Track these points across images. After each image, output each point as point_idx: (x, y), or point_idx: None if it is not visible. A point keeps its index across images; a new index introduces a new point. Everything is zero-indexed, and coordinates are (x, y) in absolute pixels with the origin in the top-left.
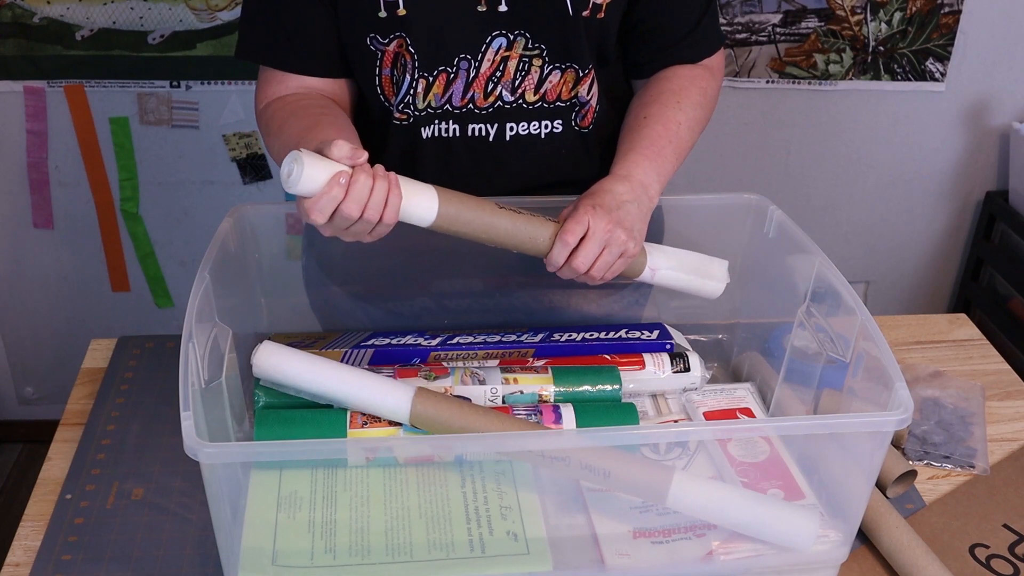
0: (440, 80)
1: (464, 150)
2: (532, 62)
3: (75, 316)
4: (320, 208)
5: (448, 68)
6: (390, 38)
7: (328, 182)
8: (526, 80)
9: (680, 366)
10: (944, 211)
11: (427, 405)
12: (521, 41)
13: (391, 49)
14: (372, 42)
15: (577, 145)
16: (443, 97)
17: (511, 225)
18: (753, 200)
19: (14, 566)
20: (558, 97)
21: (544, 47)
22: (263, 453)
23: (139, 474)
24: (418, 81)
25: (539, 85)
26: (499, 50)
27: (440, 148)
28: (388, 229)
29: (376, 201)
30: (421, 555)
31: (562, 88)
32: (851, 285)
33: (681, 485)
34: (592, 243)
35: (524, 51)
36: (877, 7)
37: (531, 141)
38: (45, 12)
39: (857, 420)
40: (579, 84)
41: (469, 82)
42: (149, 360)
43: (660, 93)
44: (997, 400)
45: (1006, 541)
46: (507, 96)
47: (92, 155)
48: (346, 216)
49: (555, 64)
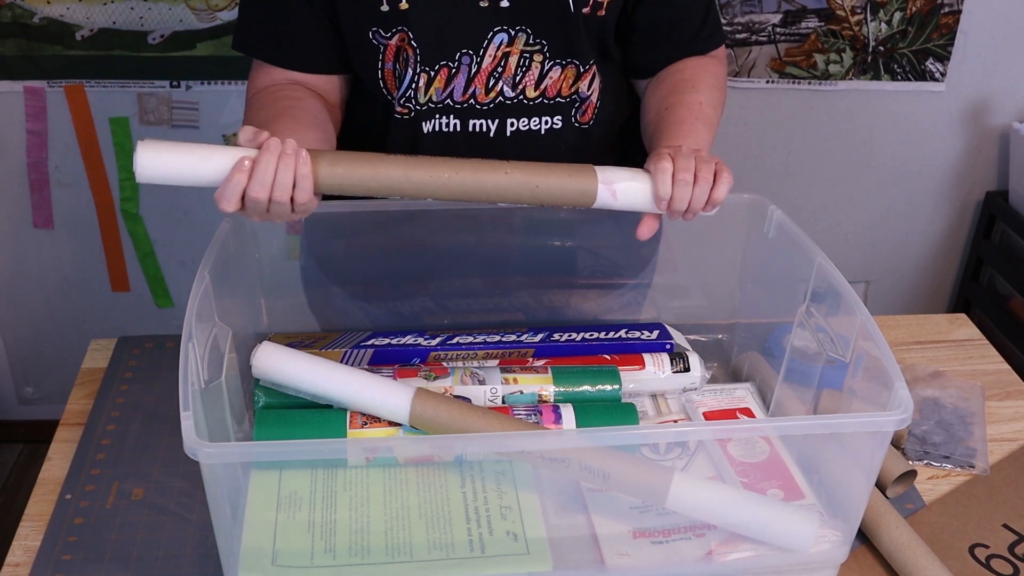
0: (442, 75)
1: (465, 145)
2: (533, 58)
3: (75, 316)
4: (227, 196)
5: (449, 63)
6: (392, 32)
7: (232, 168)
8: (527, 76)
9: (680, 366)
10: (944, 211)
11: (427, 406)
12: (522, 37)
13: (393, 43)
14: (374, 36)
15: (577, 141)
16: (444, 92)
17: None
18: (753, 200)
19: (14, 566)
20: (558, 93)
21: (545, 43)
22: (263, 453)
23: (139, 474)
24: (419, 75)
25: (540, 81)
26: (500, 46)
27: (441, 142)
28: (310, 206)
29: (282, 181)
30: (421, 555)
31: (562, 84)
32: (851, 285)
33: (681, 486)
34: (683, 160)
35: (525, 47)
36: (877, 7)
37: (531, 137)
38: (45, 12)
39: (857, 420)
40: (580, 80)
41: (470, 77)
42: (149, 360)
43: (674, 84)
44: (997, 400)
45: (1006, 541)
46: (508, 92)
47: (92, 155)
48: (254, 199)
49: (556, 60)
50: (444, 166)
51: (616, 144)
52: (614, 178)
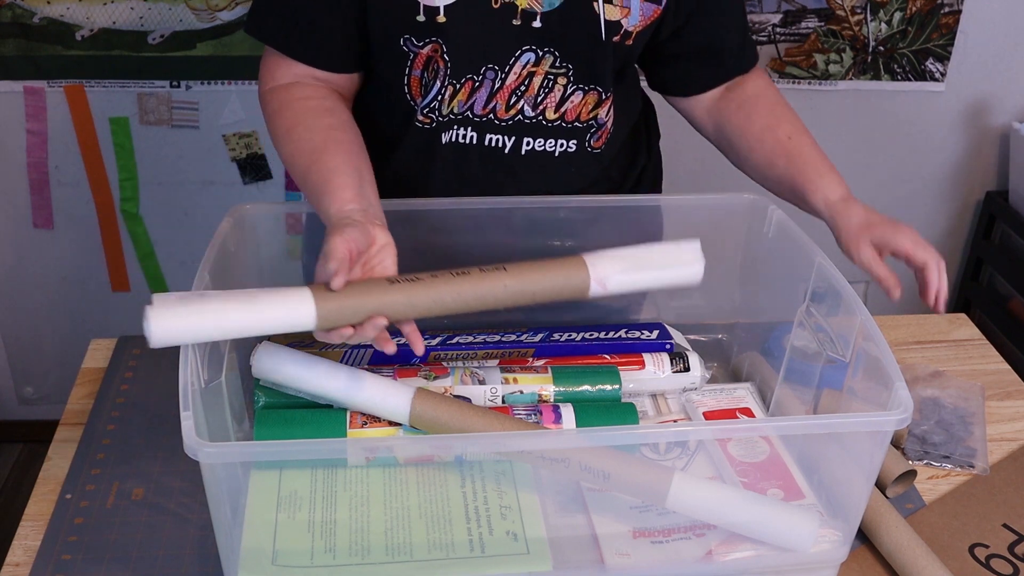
0: (466, 87)
1: (479, 159)
2: (557, 80)
3: (75, 316)
4: (329, 338)
5: (475, 76)
6: (425, 42)
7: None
8: (548, 97)
9: (680, 366)
10: (944, 211)
11: (427, 406)
12: (549, 59)
13: (425, 52)
14: (406, 43)
15: (587, 164)
16: (466, 104)
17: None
18: (753, 200)
19: (14, 566)
20: (576, 118)
21: (571, 67)
22: (263, 453)
23: (139, 474)
24: (447, 87)
25: (560, 103)
26: (526, 65)
27: (456, 154)
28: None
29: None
30: (421, 555)
31: (582, 109)
32: (851, 285)
33: (681, 486)
34: (930, 252)
35: (551, 69)
36: (877, 7)
37: (545, 157)
38: (45, 12)
39: (857, 420)
40: (599, 107)
41: (493, 92)
42: (149, 360)
43: (770, 111)
44: (997, 400)
45: (1006, 541)
46: (528, 111)
47: (92, 155)
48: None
49: (579, 85)
50: (446, 289)
51: (618, 157)
52: (605, 273)
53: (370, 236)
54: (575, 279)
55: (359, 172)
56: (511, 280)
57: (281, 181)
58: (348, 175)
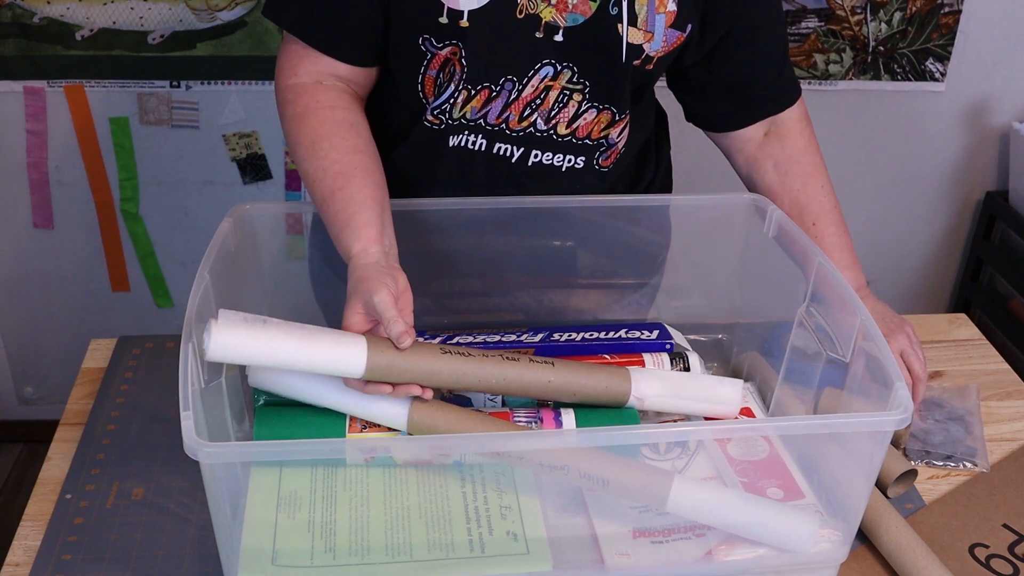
0: (482, 95)
1: (485, 166)
2: (572, 96)
3: (75, 316)
4: (366, 389)
5: (493, 86)
6: (445, 44)
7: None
8: (562, 112)
9: (680, 366)
10: (944, 211)
11: (425, 413)
12: (567, 74)
13: (443, 54)
14: (424, 43)
15: (593, 181)
16: (479, 111)
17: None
18: (753, 200)
19: (14, 566)
20: (588, 135)
21: (587, 84)
22: (263, 453)
23: (139, 474)
24: (461, 92)
25: (573, 120)
26: (544, 78)
27: (463, 158)
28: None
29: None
30: (421, 555)
31: (594, 127)
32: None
33: (681, 490)
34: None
35: (567, 84)
36: (877, 7)
37: (551, 171)
38: (45, 12)
39: (857, 420)
40: (612, 126)
41: (508, 103)
42: (149, 360)
43: (803, 184)
44: (997, 400)
45: (1006, 541)
46: (540, 124)
47: (92, 155)
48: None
49: (594, 103)
50: (492, 372)
51: (624, 174)
52: (645, 393)
53: (399, 285)
54: (615, 390)
55: (382, 207)
56: (556, 377)
57: (281, 181)
58: (372, 211)
